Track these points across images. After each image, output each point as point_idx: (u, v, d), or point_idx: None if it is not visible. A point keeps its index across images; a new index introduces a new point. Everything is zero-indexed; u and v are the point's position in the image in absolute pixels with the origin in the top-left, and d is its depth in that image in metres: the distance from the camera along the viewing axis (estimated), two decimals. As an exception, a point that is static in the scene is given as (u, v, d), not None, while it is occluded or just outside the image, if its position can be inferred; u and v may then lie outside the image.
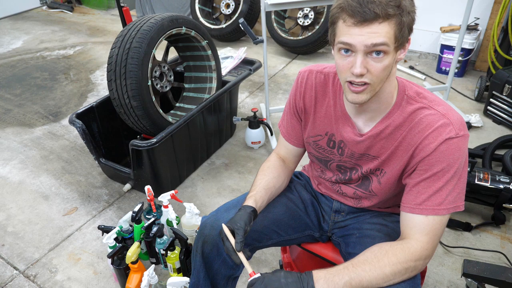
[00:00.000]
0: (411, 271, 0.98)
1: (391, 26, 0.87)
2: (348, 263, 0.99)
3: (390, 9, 0.85)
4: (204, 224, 1.22)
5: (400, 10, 0.87)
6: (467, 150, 0.99)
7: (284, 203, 1.28)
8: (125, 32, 1.98)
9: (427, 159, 0.98)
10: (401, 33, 0.89)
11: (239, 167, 2.46)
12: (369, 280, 0.96)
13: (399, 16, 0.87)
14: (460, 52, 2.78)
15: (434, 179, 0.98)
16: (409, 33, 0.92)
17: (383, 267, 0.96)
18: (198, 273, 1.23)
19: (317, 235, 1.32)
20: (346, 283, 0.95)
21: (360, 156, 1.12)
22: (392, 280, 0.97)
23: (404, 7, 0.88)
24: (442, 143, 0.95)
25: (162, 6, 4.71)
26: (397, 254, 0.97)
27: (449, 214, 0.99)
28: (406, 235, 1.01)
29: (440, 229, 0.99)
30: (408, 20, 0.89)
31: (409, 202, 1.01)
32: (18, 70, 3.85)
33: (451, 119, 0.97)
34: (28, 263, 1.89)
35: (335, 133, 1.14)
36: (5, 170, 2.52)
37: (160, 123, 2.07)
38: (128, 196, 2.27)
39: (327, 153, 1.19)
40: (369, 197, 1.19)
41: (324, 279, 0.96)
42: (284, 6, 2.33)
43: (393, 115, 1.03)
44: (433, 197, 0.98)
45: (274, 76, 3.55)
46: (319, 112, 1.16)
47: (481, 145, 2.41)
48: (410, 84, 1.05)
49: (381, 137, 1.05)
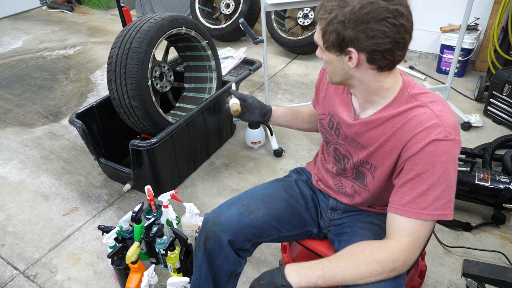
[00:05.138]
0: (389, 271, 0.97)
1: (320, 27, 0.98)
2: (325, 258, 1.01)
3: (321, 12, 0.97)
4: (206, 221, 1.24)
5: (330, 16, 0.94)
6: (457, 156, 0.97)
7: (285, 199, 1.29)
8: (125, 32, 1.98)
9: (413, 158, 0.96)
10: (325, 37, 0.97)
11: (239, 167, 2.46)
12: (343, 275, 0.97)
13: (326, 21, 0.95)
14: (460, 52, 2.78)
15: (419, 181, 0.96)
16: (339, 41, 0.95)
17: (358, 264, 0.97)
18: (200, 269, 1.23)
19: (315, 231, 1.33)
20: (319, 276, 0.97)
21: (351, 141, 1.13)
22: (368, 278, 0.97)
23: (336, 15, 0.93)
24: (429, 143, 0.94)
25: (162, 6, 4.71)
26: (374, 252, 0.97)
27: (434, 221, 0.98)
28: (388, 235, 1.02)
29: (423, 234, 0.97)
30: (337, 29, 0.93)
31: (395, 202, 1.01)
32: (18, 70, 3.85)
33: (444, 120, 0.95)
34: (28, 263, 1.89)
35: (335, 114, 1.17)
36: (5, 170, 2.52)
37: (160, 123, 2.07)
38: (128, 196, 2.27)
39: (327, 133, 1.23)
40: (361, 192, 1.19)
41: (297, 272, 0.99)
42: (284, 6, 2.33)
43: (389, 108, 1.03)
44: (418, 200, 0.96)
45: (274, 76, 3.55)
46: (329, 91, 1.21)
47: (481, 145, 2.41)
48: (417, 84, 1.05)
49: (371, 126, 1.06)
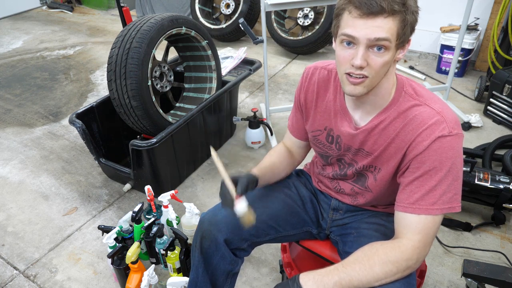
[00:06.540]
0: (403, 270, 0.97)
1: (395, 23, 0.89)
2: (339, 263, 0.99)
3: (396, 5, 0.87)
4: (203, 220, 1.24)
5: (405, 7, 0.88)
6: (462, 150, 0.98)
7: (282, 199, 1.29)
8: (125, 32, 1.98)
9: (420, 157, 0.97)
10: (403, 30, 0.91)
11: (239, 167, 2.46)
12: (360, 279, 0.95)
13: (404, 14, 0.89)
14: (460, 52, 2.78)
15: (427, 178, 0.97)
16: (411, 33, 0.94)
17: (373, 266, 0.96)
18: (197, 268, 1.23)
19: (315, 231, 1.33)
20: (336, 282, 0.95)
21: (356, 151, 1.12)
22: (383, 279, 0.96)
23: (409, 6, 0.89)
24: (435, 140, 0.95)
25: (162, 6, 4.71)
26: (388, 252, 0.97)
27: (443, 215, 0.98)
28: (398, 234, 1.02)
29: (433, 229, 0.98)
30: (411, 19, 0.91)
31: (402, 201, 1.01)
32: (18, 70, 3.85)
33: (446, 117, 0.96)
34: (28, 263, 1.89)
35: (333, 128, 1.16)
36: (5, 170, 2.52)
37: (160, 123, 2.07)
38: (128, 196, 2.27)
39: (326, 148, 1.20)
40: (364, 194, 1.19)
41: (313, 280, 0.96)
42: (284, 6, 2.33)
43: (389, 110, 1.03)
44: (427, 197, 0.97)
45: (274, 76, 3.55)
46: (319, 107, 1.18)
47: (481, 145, 2.41)
48: (410, 81, 1.06)
49: (375, 132, 1.06)
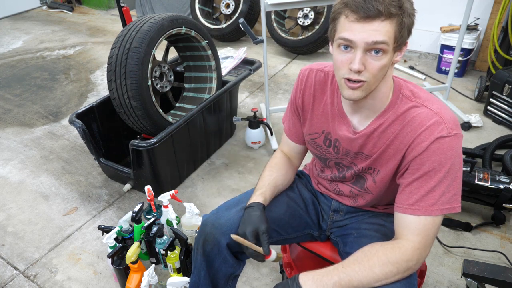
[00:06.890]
0: (404, 271, 0.97)
1: (392, 26, 0.89)
2: (339, 264, 0.99)
3: (393, 8, 0.87)
4: (205, 223, 1.22)
5: (401, 10, 0.89)
6: (461, 150, 0.98)
7: (285, 202, 1.28)
8: (125, 32, 1.98)
9: (419, 158, 0.97)
10: (400, 33, 0.91)
11: (239, 167, 2.46)
12: (359, 280, 0.95)
13: (401, 17, 0.89)
14: (460, 52, 2.78)
15: (426, 179, 0.97)
16: (408, 35, 0.94)
17: (373, 267, 0.96)
18: (199, 271, 1.23)
19: (316, 234, 1.33)
20: (335, 283, 0.95)
21: (355, 155, 1.12)
22: (383, 280, 0.96)
23: (406, 9, 0.90)
24: (434, 141, 0.95)
25: (162, 6, 4.71)
26: (387, 253, 0.97)
27: (443, 215, 0.98)
28: (398, 235, 1.02)
29: (433, 230, 0.98)
30: (408, 22, 0.91)
31: (402, 202, 1.01)
32: (18, 70, 3.85)
33: (444, 117, 0.96)
34: (28, 263, 1.89)
35: (331, 132, 1.15)
36: (5, 170, 2.52)
37: (160, 123, 2.07)
38: (128, 196, 2.27)
39: (324, 151, 1.20)
40: (363, 195, 1.19)
41: (313, 280, 0.96)
42: (284, 6, 2.33)
43: (387, 113, 1.03)
44: (426, 198, 0.97)
45: (274, 76, 3.55)
46: (316, 110, 1.17)
47: (481, 145, 2.41)
48: (406, 83, 1.06)
49: (374, 135, 1.06)
